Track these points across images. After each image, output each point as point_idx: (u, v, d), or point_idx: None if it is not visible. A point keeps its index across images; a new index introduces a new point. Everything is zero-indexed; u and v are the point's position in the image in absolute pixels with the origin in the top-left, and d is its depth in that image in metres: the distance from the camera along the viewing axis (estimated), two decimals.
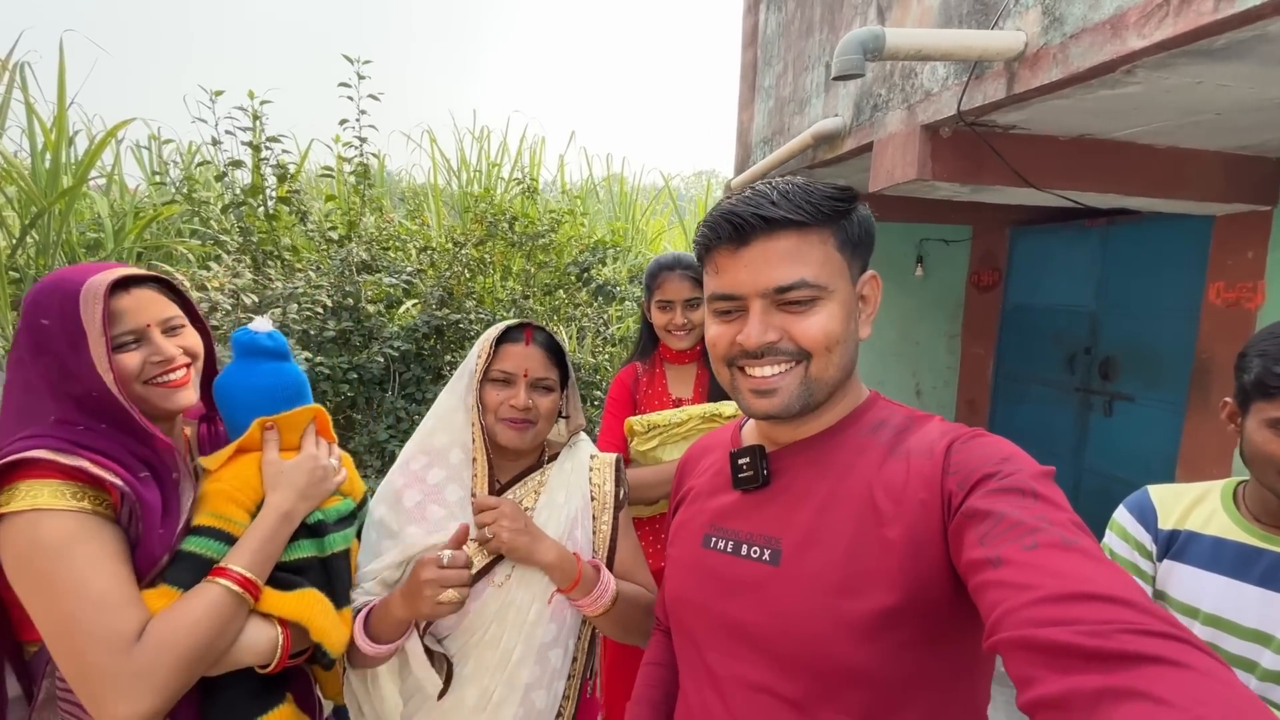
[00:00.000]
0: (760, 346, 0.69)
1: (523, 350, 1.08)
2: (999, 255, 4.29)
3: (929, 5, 2.24)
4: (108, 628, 0.77)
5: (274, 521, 0.93)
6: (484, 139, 6.53)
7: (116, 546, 0.82)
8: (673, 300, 1.64)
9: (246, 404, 0.99)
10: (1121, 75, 1.65)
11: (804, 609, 0.66)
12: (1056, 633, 0.44)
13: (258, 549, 0.91)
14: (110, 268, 0.90)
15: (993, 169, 2.34)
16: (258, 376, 1.00)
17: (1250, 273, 2.78)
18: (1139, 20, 1.49)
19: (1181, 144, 2.45)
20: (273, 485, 0.96)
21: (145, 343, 0.90)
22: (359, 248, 3.39)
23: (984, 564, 0.53)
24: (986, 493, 0.58)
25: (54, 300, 0.85)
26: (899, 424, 0.72)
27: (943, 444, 0.66)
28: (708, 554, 0.76)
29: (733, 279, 0.70)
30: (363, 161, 3.45)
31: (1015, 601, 0.47)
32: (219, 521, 0.91)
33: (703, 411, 1.58)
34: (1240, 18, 1.30)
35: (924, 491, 0.63)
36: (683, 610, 0.79)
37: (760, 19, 3.88)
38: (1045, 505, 0.55)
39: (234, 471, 0.96)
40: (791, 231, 0.68)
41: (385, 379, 3.27)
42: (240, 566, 0.88)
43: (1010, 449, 0.63)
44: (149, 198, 4.86)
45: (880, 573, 0.63)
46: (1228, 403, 1.04)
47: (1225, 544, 1.02)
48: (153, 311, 0.91)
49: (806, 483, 0.72)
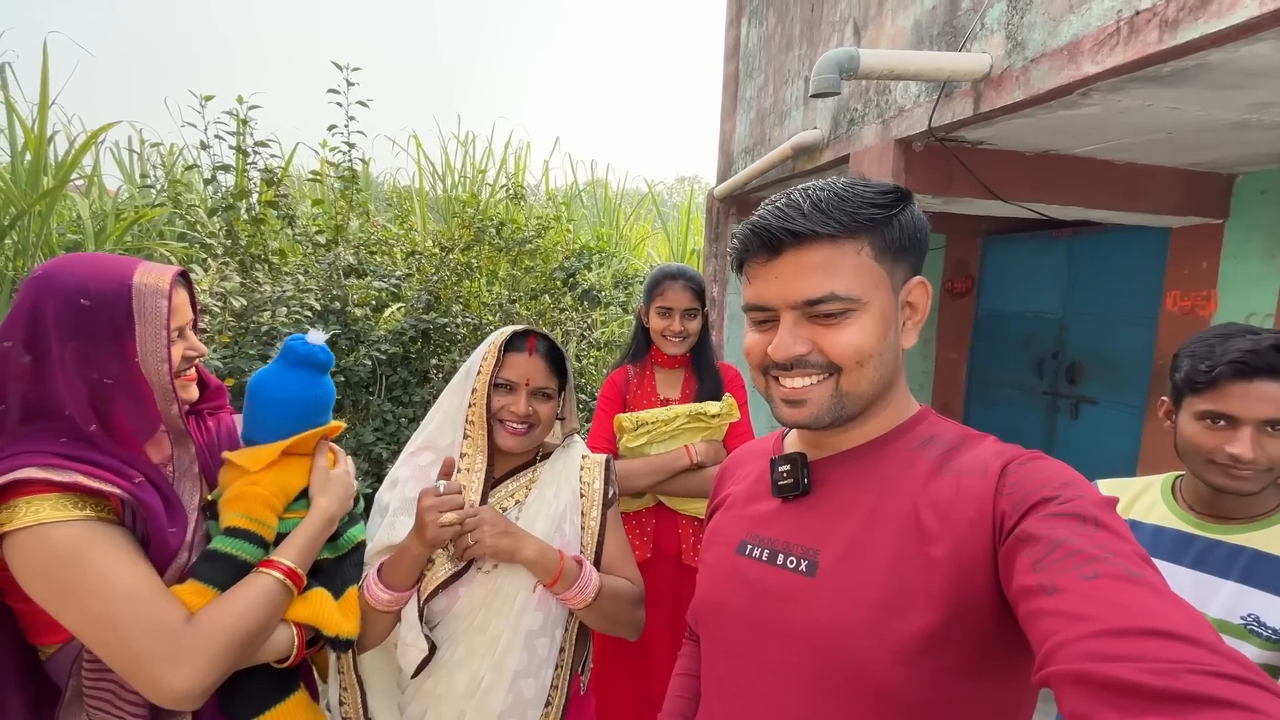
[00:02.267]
0: (788, 359, 0.67)
1: (525, 360, 1.13)
2: (971, 263, 4.43)
3: (902, 26, 2.35)
4: (148, 617, 0.80)
5: (320, 523, 1.02)
6: (469, 144, 6.58)
7: (129, 545, 0.84)
8: (672, 308, 1.72)
9: (289, 410, 1.04)
10: (1079, 97, 1.76)
11: (839, 623, 0.63)
12: (1118, 669, 0.41)
13: (304, 546, 0.98)
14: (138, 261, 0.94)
15: (962, 182, 2.45)
16: (307, 388, 1.05)
17: (1204, 282, 2.93)
18: (1093, 47, 1.60)
19: (1139, 160, 2.60)
20: (321, 490, 1.04)
21: (183, 338, 0.96)
22: (346, 251, 3.42)
23: (1037, 591, 0.49)
24: (1044, 516, 0.55)
25: (103, 284, 0.86)
26: (951, 440, 0.70)
27: (998, 464, 0.63)
28: (742, 561, 0.74)
29: (764, 290, 0.69)
30: (350, 166, 3.48)
31: (1072, 633, 0.44)
32: (253, 525, 0.96)
33: (689, 410, 1.65)
34: (1182, 48, 1.42)
35: (973, 511, 0.60)
36: (712, 616, 0.77)
37: (742, 33, 3.99)
38: (1108, 534, 0.51)
39: (274, 477, 1.01)
40: (822, 243, 0.66)
41: (372, 382, 3.29)
42: (289, 560, 0.96)
43: (1071, 474, 0.60)
44: (131, 200, 4.82)
45: (922, 592, 0.60)
46: (1164, 401, 1.14)
47: (1164, 531, 1.12)
48: (186, 311, 0.97)
49: (849, 494, 0.70)
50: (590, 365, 4.21)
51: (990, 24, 1.93)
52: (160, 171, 4.96)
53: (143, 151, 4.99)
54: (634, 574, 1.20)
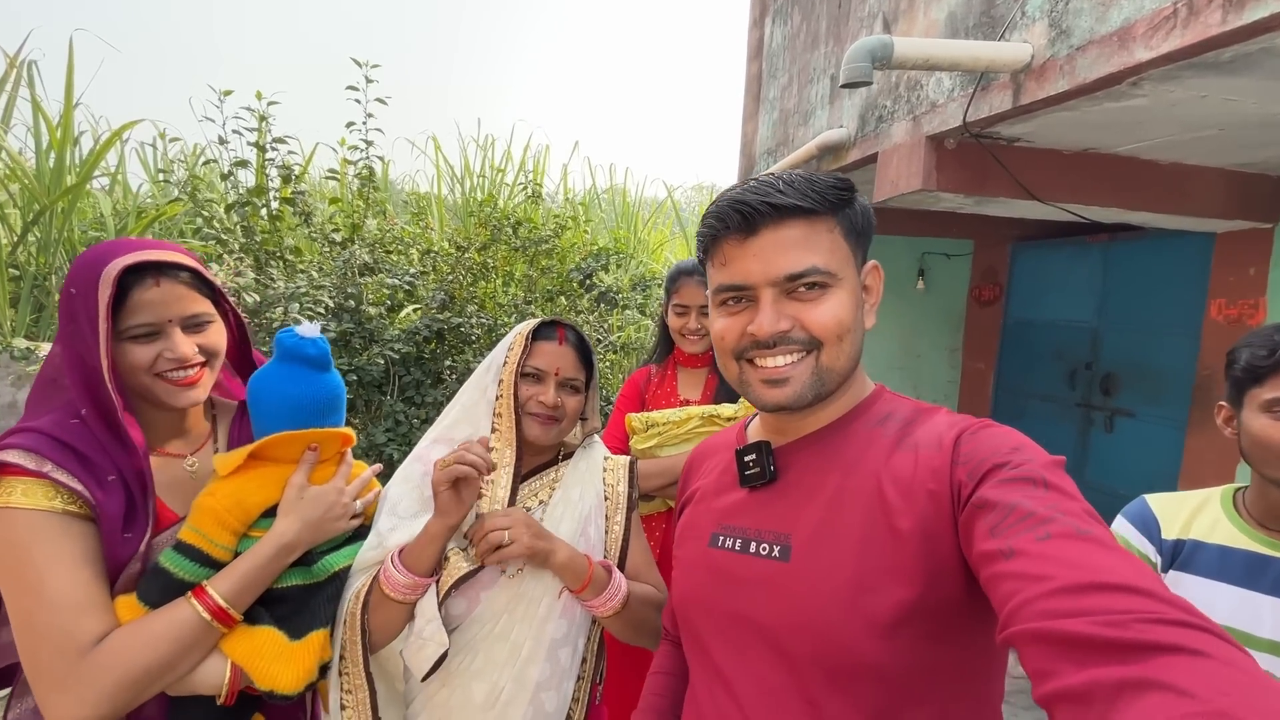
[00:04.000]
0: (773, 335, 0.68)
1: (556, 349, 1.08)
2: (1000, 270, 4.30)
3: (935, 18, 2.26)
4: (60, 630, 0.77)
5: (271, 551, 0.89)
6: (488, 147, 6.57)
7: (83, 548, 0.80)
8: (688, 305, 1.66)
9: (276, 411, 0.93)
10: (1128, 87, 1.66)
11: (817, 604, 0.65)
12: (1073, 624, 0.43)
13: (244, 576, 0.86)
14: (147, 247, 0.88)
15: (997, 181, 2.35)
16: (293, 384, 0.93)
17: (1252, 289, 2.78)
18: (1146, 32, 1.50)
19: (1185, 160, 2.47)
20: (286, 510, 0.92)
21: (162, 338, 0.87)
22: (361, 250, 3.39)
23: (996, 555, 0.51)
24: (997, 483, 0.57)
25: (82, 273, 0.84)
26: (906, 415, 0.71)
27: (951, 435, 0.65)
28: (715, 553, 0.75)
29: (742, 269, 0.69)
30: (368, 164, 3.45)
31: (1029, 593, 0.46)
32: (199, 540, 0.86)
33: (702, 412, 1.57)
34: (1248, 30, 1.31)
35: (933, 482, 0.62)
36: (691, 611, 0.77)
37: (766, 32, 3.92)
38: (1057, 495, 0.54)
39: (232, 488, 0.90)
40: (800, 219, 0.67)
41: (385, 381, 3.25)
42: (219, 593, 0.84)
43: (1020, 439, 0.63)
44: (152, 197, 4.87)
45: (894, 566, 0.62)
46: (1223, 406, 1.03)
47: (1233, 553, 1.00)
48: (176, 308, 0.88)
49: (814, 477, 0.71)
50: (607, 369, 4.14)
51: (1032, 12, 1.84)
52: (182, 170, 5.00)
53: (165, 149, 5.04)
54: (658, 580, 1.15)
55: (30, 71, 3.99)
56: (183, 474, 0.95)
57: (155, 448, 0.92)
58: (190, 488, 0.93)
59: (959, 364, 4.53)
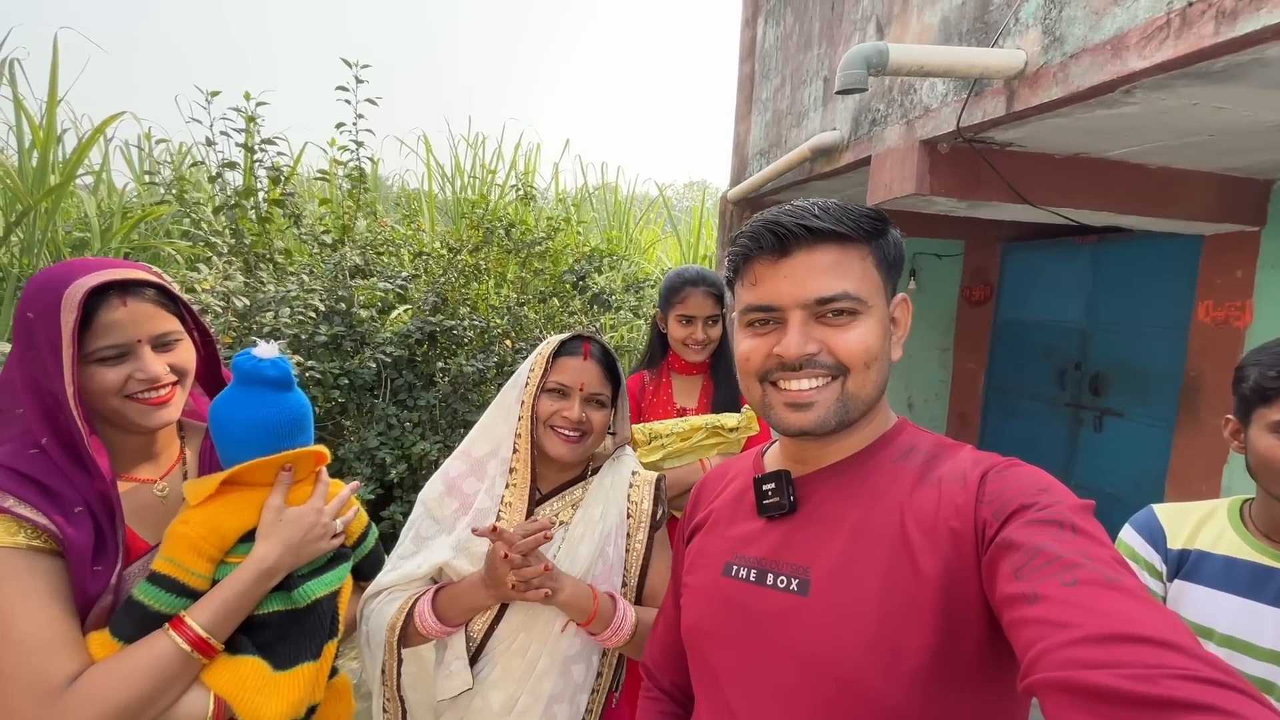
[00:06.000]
0: (800, 358, 0.67)
1: (580, 364, 1.09)
2: (990, 270, 4.33)
3: (929, 22, 2.26)
4: (31, 670, 0.74)
5: (251, 577, 0.86)
6: (478, 145, 6.53)
7: (51, 584, 0.77)
8: (695, 316, 1.66)
9: (242, 437, 0.90)
10: (1120, 95, 1.67)
11: (836, 643, 0.63)
12: (1099, 675, 0.41)
13: (224, 606, 0.84)
14: (108, 266, 0.85)
15: (989, 185, 2.36)
16: (256, 409, 0.91)
17: (1238, 292, 2.82)
18: (1140, 41, 1.51)
19: (1174, 164, 2.49)
20: (265, 534, 0.89)
21: (132, 358, 0.85)
22: (352, 252, 3.36)
23: (1019, 599, 0.50)
24: (1023, 524, 0.55)
25: (40, 296, 0.81)
26: (929, 450, 0.70)
27: (977, 472, 0.63)
28: (729, 583, 0.73)
29: (773, 290, 0.68)
30: (358, 165, 3.42)
31: (1054, 640, 0.45)
32: (174, 569, 0.83)
33: (705, 422, 1.57)
34: (1240, 41, 1.32)
35: (956, 520, 0.61)
36: (702, 641, 0.75)
37: (758, 32, 3.91)
38: (1085, 540, 0.52)
39: (207, 515, 0.88)
40: (834, 244, 0.68)
41: (377, 385, 3.22)
42: (199, 623, 0.82)
43: (1047, 480, 0.61)
44: (138, 197, 4.80)
45: (916, 608, 0.60)
46: (1229, 420, 1.04)
47: (1237, 564, 1.02)
48: (146, 327, 0.86)
49: (835, 509, 0.69)
50: None
51: (1025, 19, 1.84)
52: (168, 170, 4.93)
53: (149, 148, 4.97)
54: None
55: (12, 70, 3.91)
56: (152, 499, 0.92)
57: (122, 473, 0.89)
58: (161, 513, 0.90)
59: (950, 364, 4.56)
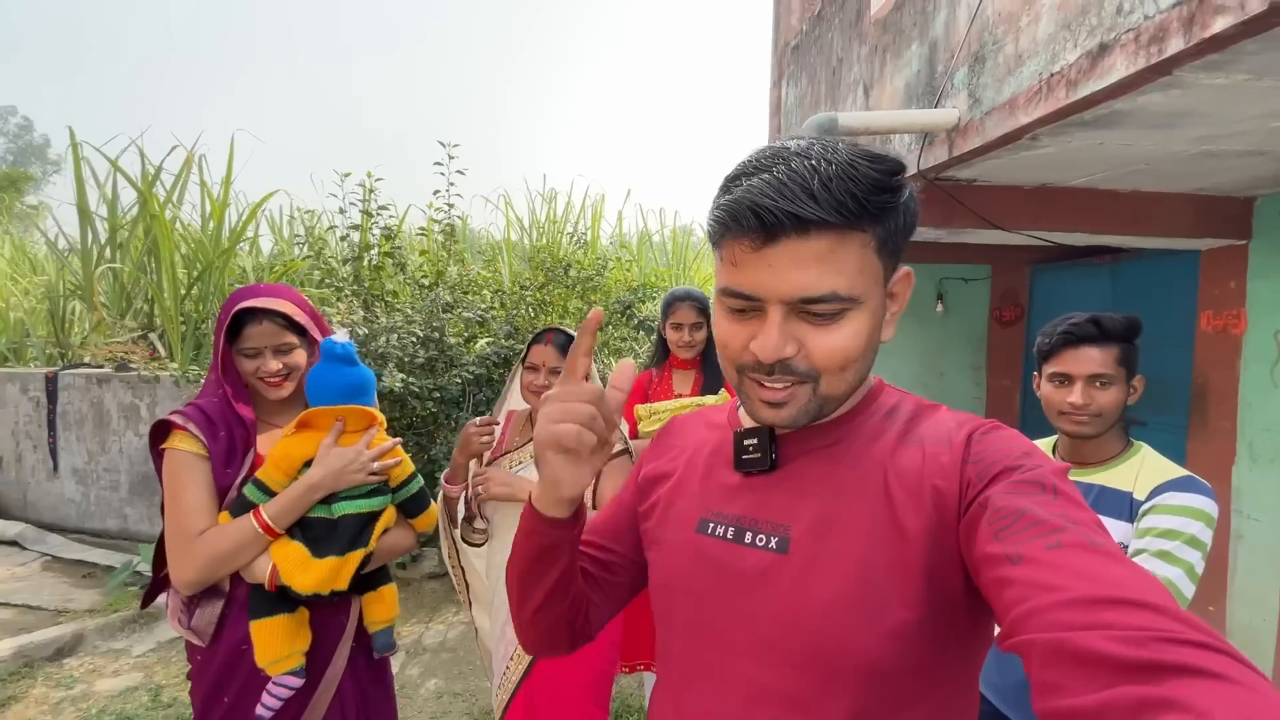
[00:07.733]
0: (775, 361, 0.61)
1: (542, 349, 1.67)
2: (1020, 292, 4.55)
3: (897, 87, 2.75)
4: (181, 523, 1.19)
5: (302, 490, 1.23)
6: (551, 199, 7.42)
7: (204, 476, 1.23)
8: (683, 324, 2.23)
9: (316, 393, 1.30)
10: (1029, 141, 2.08)
11: (817, 601, 0.62)
12: (1088, 638, 0.41)
13: (283, 504, 1.22)
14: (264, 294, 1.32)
15: (962, 215, 2.76)
16: (326, 374, 1.29)
17: (1233, 301, 3.00)
18: (1025, 102, 1.95)
19: (1143, 188, 2.78)
20: (316, 462, 1.26)
21: (261, 357, 1.29)
22: (444, 291, 4.14)
23: (1001, 559, 0.50)
24: (1006, 485, 0.55)
25: (223, 309, 1.30)
26: (910, 410, 0.69)
27: (962, 434, 0.63)
28: (705, 540, 0.70)
29: (753, 278, 0.60)
30: (450, 223, 4.23)
31: (1039, 601, 0.45)
32: (265, 477, 1.24)
33: (696, 402, 2.08)
34: (1084, 102, 1.74)
35: (941, 480, 0.60)
36: (675, 599, 0.72)
37: (783, 93, 4.48)
38: (1066, 503, 0.53)
39: (285, 445, 1.27)
40: (827, 233, 0.58)
41: (462, 398, 3.93)
42: (267, 514, 1.21)
43: (1029, 444, 0.61)
44: (280, 253, 5.94)
45: (900, 564, 0.60)
46: (1036, 375, 1.45)
47: None
48: (269, 339, 1.29)
49: (816, 468, 0.67)
50: None
51: (958, 84, 2.30)
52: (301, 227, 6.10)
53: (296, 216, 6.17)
54: None
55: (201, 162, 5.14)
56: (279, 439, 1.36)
57: (266, 422, 1.34)
58: None
59: (983, 381, 4.76)
